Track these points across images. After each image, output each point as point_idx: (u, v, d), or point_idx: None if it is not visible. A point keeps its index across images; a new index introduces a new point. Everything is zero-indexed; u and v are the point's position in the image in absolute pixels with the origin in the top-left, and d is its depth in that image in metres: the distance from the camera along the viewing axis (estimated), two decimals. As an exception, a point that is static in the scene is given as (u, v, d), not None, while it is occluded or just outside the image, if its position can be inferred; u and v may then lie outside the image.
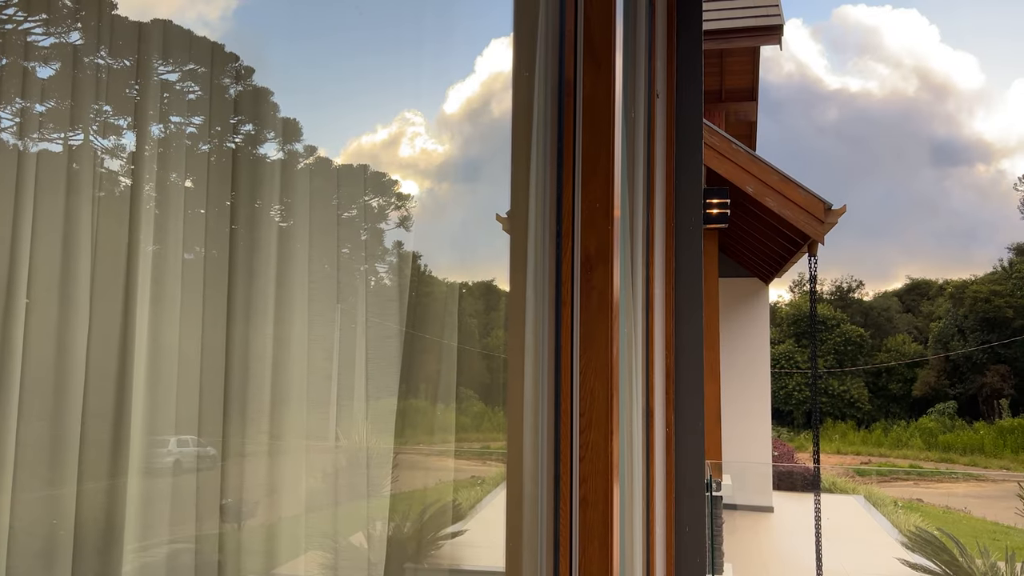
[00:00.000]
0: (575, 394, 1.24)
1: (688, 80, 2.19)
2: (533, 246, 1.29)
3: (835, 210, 7.23)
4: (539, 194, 1.27)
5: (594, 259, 1.22)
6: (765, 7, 9.19)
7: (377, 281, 2.54)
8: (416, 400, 2.58)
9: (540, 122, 1.27)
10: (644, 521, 1.92)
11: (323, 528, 2.45)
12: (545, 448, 1.25)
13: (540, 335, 1.26)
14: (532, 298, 1.29)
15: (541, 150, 1.27)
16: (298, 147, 2.41)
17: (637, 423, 1.82)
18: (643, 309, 1.92)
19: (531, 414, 1.28)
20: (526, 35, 1.33)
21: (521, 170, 1.27)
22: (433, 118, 2.70)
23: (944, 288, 46.40)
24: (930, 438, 36.05)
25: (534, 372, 1.29)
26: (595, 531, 1.23)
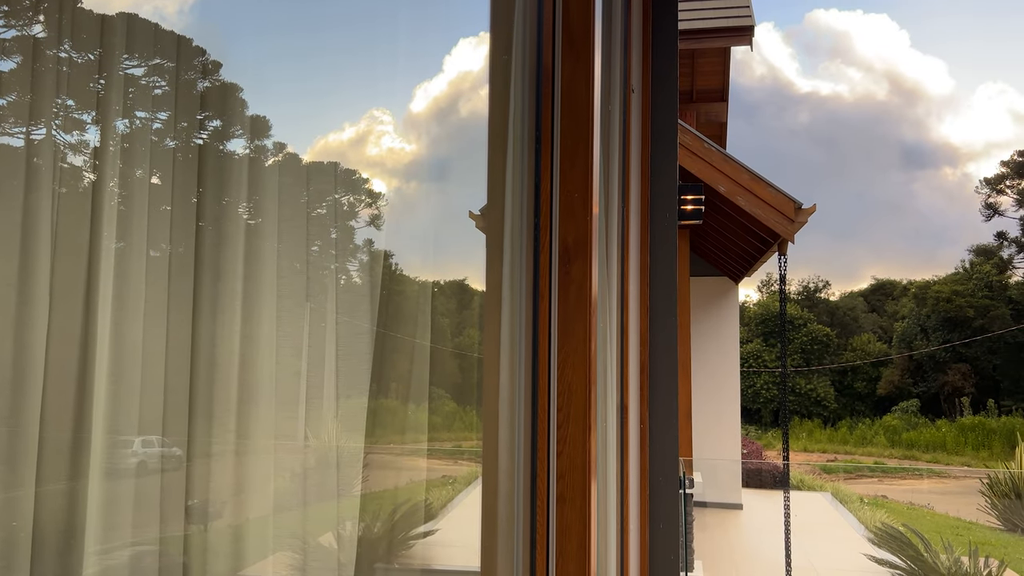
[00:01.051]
0: (552, 388, 1.21)
1: (663, 76, 2.18)
2: (510, 237, 1.27)
3: (805, 209, 7.30)
4: (516, 184, 1.24)
5: (572, 251, 1.20)
6: (736, 8, 9.27)
7: (347, 279, 2.52)
8: (387, 399, 2.55)
9: (517, 110, 1.24)
10: (618, 518, 1.91)
11: (292, 529, 2.42)
12: (522, 444, 1.23)
13: (517, 328, 1.23)
14: (508, 291, 1.27)
15: (519, 139, 1.24)
16: (267, 144, 2.38)
17: (611, 419, 1.80)
18: (618, 304, 1.91)
19: (507, 409, 1.25)
20: (503, 22, 1.30)
21: (498, 159, 1.24)
22: (402, 117, 2.68)
23: (908, 288, 47.29)
24: (894, 436, 36.71)
25: (510, 366, 1.26)
26: (572, 528, 1.20)
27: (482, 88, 2.92)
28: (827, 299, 49.18)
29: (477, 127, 2.94)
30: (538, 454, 1.22)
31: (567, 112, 1.20)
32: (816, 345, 43.20)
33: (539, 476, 1.22)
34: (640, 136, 2.15)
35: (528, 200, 1.24)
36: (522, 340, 1.23)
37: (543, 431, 1.22)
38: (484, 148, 1.31)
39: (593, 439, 1.23)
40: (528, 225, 1.24)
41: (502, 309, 1.27)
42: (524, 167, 1.25)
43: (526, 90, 1.25)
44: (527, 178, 1.24)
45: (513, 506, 1.24)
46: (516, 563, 1.25)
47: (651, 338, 2.06)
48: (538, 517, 1.22)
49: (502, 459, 1.23)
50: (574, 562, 1.19)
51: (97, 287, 2.04)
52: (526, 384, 1.23)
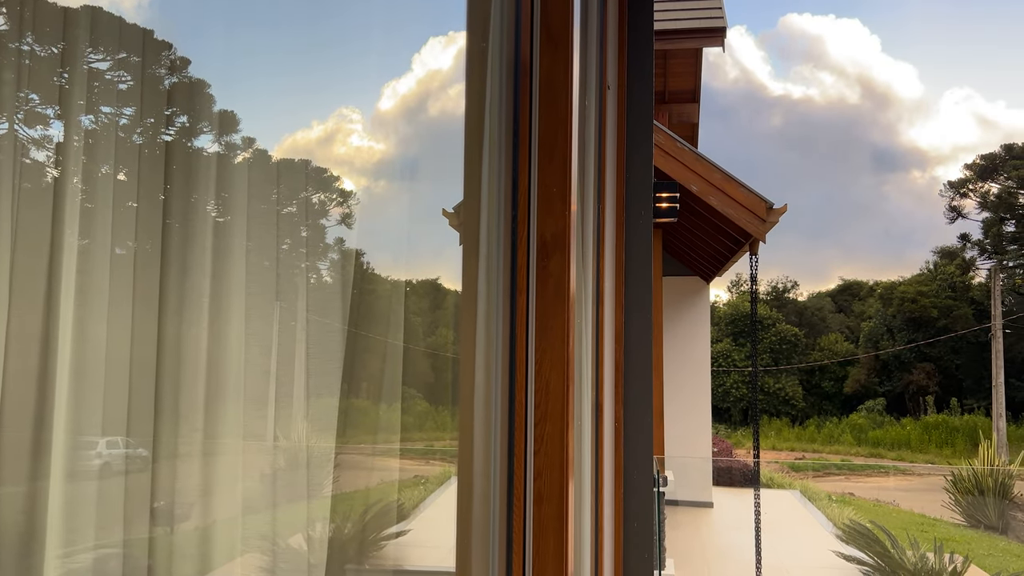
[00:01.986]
0: (530, 386, 1.19)
1: (639, 73, 2.17)
2: (486, 232, 1.24)
3: (776, 209, 7.37)
4: (494, 178, 1.22)
5: (550, 246, 1.18)
6: (708, 9, 9.32)
7: (318, 278, 2.50)
8: (358, 399, 2.53)
9: (495, 104, 1.22)
10: (592, 517, 1.90)
11: (261, 530, 2.39)
12: (498, 442, 1.20)
13: (494, 325, 1.21)
14: (484, 286, 1.24)
15: (496, 133, 1.22)
16: (236, 140, 2.34)
17: (586, 417, 1.79)
18: (593, 302, 1.90)
19: (483, 407, 1.23)
20: (480, 15, 1.28)
21: (475, 153, 1.22)
22: (373, 115, 2.66)
23: (874, 289, 48.07)
24: (860, 434, 37.30)
25: (486, 363, 1.24)
26: (550, 527, 1.18)
27: (451, 87, 2.92)
28: (795, 299, 49.84)
29: (448, 125, 2.93)
30: (515, 452, 1.20)
31: (545, 105, 1.19)
32: (785, 345, 43.75)
33: (516, 475, 1.20)
34: (616, 133, 2.14)
35: (506, 194, 1.21)
36: (499, 336, 1.21)
37: (520, 429, 1.20)
38: (456, 146, 1.29)
39: (571, 437, 1.21)
40: (506, 220, 1.21)
41: (478, 305, 1.25)
42: (502, 161, 1.22)
43: (504, 83, 1.23)
44: (504, 172, 1.22)
45: (489, 505, 1.21)
46: (492, 563, 1.22)
47: (627, 336, 2.06)
48: (515, 516, 1.20)
49: (478, 458, 1.21)
50: (551, 562, 1.17)
51: (59, 284, 1.99)
52: (503, 381, 1.20)
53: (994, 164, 43.13)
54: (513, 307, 1.19)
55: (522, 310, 1.18)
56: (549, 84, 1.18)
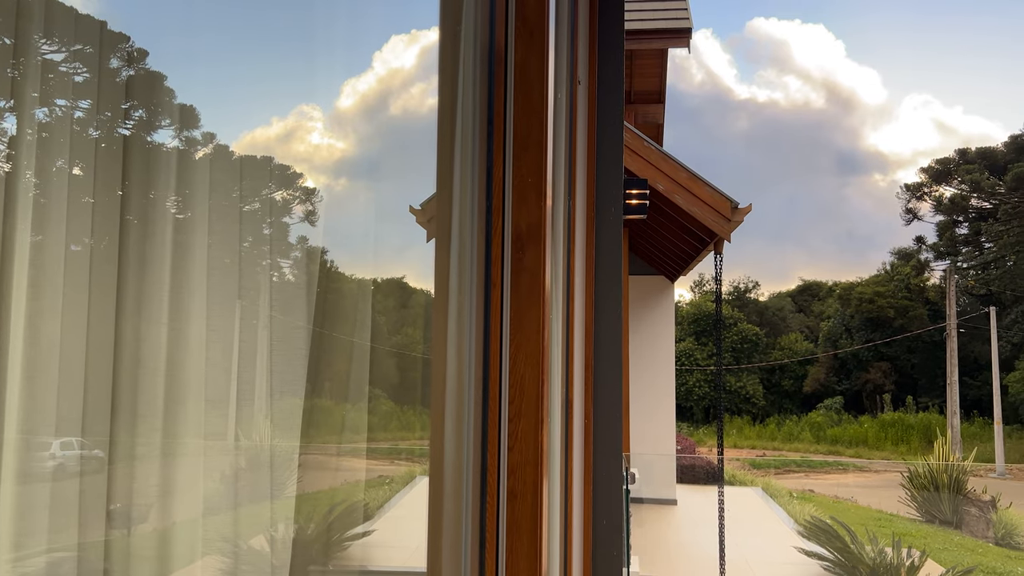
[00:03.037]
0: (504, 381, 1.16)
1: (609, 69, 2.16)
2: (458, 225, 1.21)
3: (741, 208, 7.44)
4: (467, 169, 1.19)
5: (525, 238, 1.15)
6: (674, 10, 9.38)
7: (280, 277, 2.45)
8: (322, 399, 2.50)
9: (468, 93, 1.19)
10: (562, 514, 1.88)
11: (222, 532, 2.35)
12: (471, 439, 1.17)
13: (467, 319, 1.18)
14: (456, 280, 1.21)
15: (470, 123, 1.19)
16: (196, 135, 2.29)
17: (556, 414, 1.77)
18: (564, 298, 1.88)
19: (456, 403, 1.20)
20: (453, 2, 1.24)
21: (447, 144, 1.19)
22: (335, 113, 2.62)
23: (833, 290, 48.95)
24: (819, 432, 37.96)
25: (458, 358, 1.21)
26: (523, 525, 1.16)
27: (415, 85, 2.90)
28: (757, 299, 50.55)
29: (413, 123, 2.90)
30: (488, 449, 1.17)
31: (520, 94, 1.16)
32: (746, 344, 44.33)
33: (489, 472, 1.17)
34: (586, 129, 2.13)
35: (480, 185, 1.19)
36: (472, 331, 1.18)
37: (494, 425, 1.17)
38: (420, 143, 1.26)
39: (545, 433, 1.18)
40: (480, 211, 1.19)
41: (449, 299, 1.22)
42: (475, 152, 1.19)
43: (478, 72, 1.20)
44: (479, 163, 1.19)
45: (461, 503, 1.18)
46: (464, 562, 1.19)
47: (596, 333, 2.05)
48: (487, 514, 1.17)
49: (450, 455, 1.18)
50: (525, 560, 1.15)
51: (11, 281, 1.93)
52: (477, 377, 1.18)
53: (948, 168, 44.22)
54: (487, 301, 1.16)
55: (496, 304, 1.16)
56: (524, 73, 1.15)
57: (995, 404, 28.61)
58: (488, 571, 1.16)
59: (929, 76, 63.66)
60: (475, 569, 1.17)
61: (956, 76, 61.84)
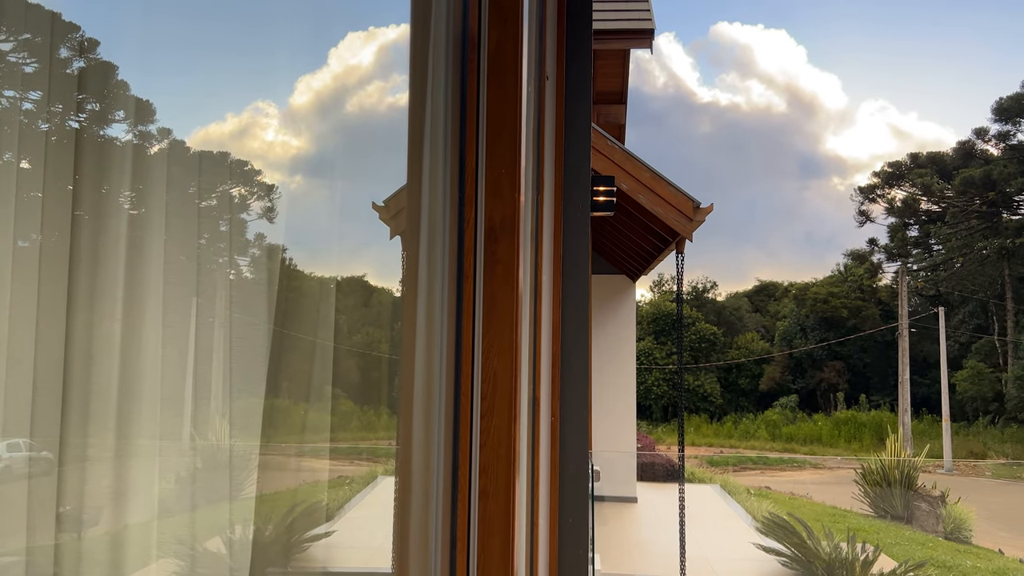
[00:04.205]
0: (476, 376, 1.13)
1: (577, 65, 2.15)
2: (428, 215, 1.18)
3: (703, 208, 7.51)
4: (439, 158, 1.15)
5: (499, 229, 1.12)
6: (637, 11, 9.42)
7: (238, 274, 2.41)
8: (280, 399, 2.46)
9: (440, 78, 1.15)
10: (528, 512, 1.86)
11: (177, 534, 2.29)
12: (442, 436, 1.14)
13: (438, 312, 1.15)
14: (426, 272, 1.18)
15: (441, 109, 1.15)
16: (152, 129, 2.23)
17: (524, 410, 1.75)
18: (531, 294, 1.86)
19: (425, 398, 1.16)
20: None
21: (418, 131, 1.15)
22: (293, 110, 2.57)
23: (789, 290, 49.83)
24: (775, 429, 38.62)
25: (428, 353, 1.17)
26: (496, 524, 1.13)
27: (370, 84, 2.86)
28: (714, 299, 51.20)
29: (373, 120, 2.86)
30: (459, 447, 1.14)
31: (494, 81, 1.13)
32: (704, 343, 44.89)
33: (460, 470, 1.14)
34: (554, 124, 2.11)
35: (452, 175, 1.15)
36: (444, 324, 1.15)
37: (465, 422, 1.14)
38: (382, 141, 1.22)
39: (518, 430, 1.16)
40: (452, 202, 1.15)
41: (419, 293, 1.18)
42: (447, 141, 1.16)
43: (450, 59, 1.17)
44: (451, 153, 1.15)
45: (431, 503, 1.15)
46: (433, 563, 1.16)
47: (563, 330, 2.03)
48: (459, 514, 1.14)
49: (420, 453, 1.15)
50: (497, 560, 1.12)
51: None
52: (448, 372, 1.15)
53: (900, 172, 45.33)
54: (459, 294, 1.13)
55: (468, 297, 1.13)
56: (498, 60, 1.13)
57: (943, 402, 29.40)
58: (459, 571, 1.13)
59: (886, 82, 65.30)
60: (445, 570, 1.13)
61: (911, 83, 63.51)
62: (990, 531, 15.43)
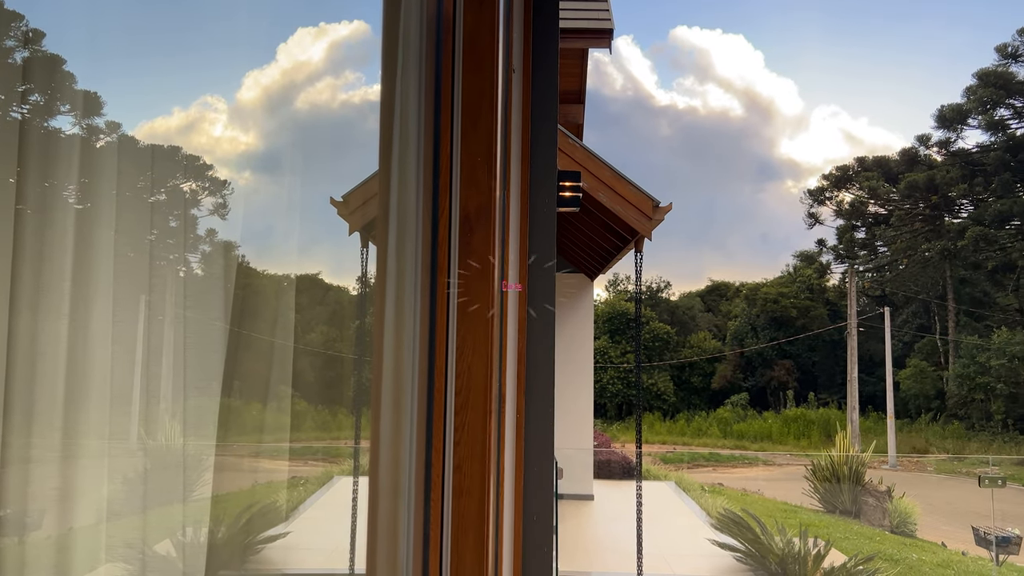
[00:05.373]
0: (450, 371, 1.10)
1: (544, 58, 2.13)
2: (398, 205, 1.14)
3: (662, 207, 7.58)
4: (411, 146, 1.11)
5: (474, 219, 1.09)
6: (596, 11, 9.45)
7: (188, 271, 2.34)
8: (233, 398, 2.40)
9: (413, 64, 1.11)
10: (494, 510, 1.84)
11: (125, 537, 2.23)
12: (415, 433, 1.11)
13: (411, 306, 1.11)
14: (396, 263, 1.14)
15: (415, 96, 1.11)
16: (99, 123, 2.15)
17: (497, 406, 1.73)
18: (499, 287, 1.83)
19: (397, 394, 1.12)
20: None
21: (389, 118, 1.11)
22: (245, 106, 2.51)
23: (740, 290, 50.66)
24: (726, 427, 39.25)
25: (399, 347, 1.14)
26: (470, 522, 1.10)
27: (320, 80, 2.79)
28: (668, 299, 51.81)
29: (328, 117, 2.79)
30: (433, 444, 1.11)
31: (470, 66, 1.10)
32: (658, 342, 45.38)
33: (434, 467, 1.10)
34: (521, 118, 2.08)
35: (426, 165, 1.12)
36: (417, 318, 1.11)
37: (439, 418, 1.10)
38: (338, 137, 1.18)
39: (492, 426, 1.13)
40: (426, 192, 1.12)
41: (387, 285, 1.14)
42: (421, 128, 1.12)
43: (424, 43, 1.13)
44: (424, 140, 1.12)
45: (403, 501, 1.11)
46: (405, 562, 1.12)
47: (529, 327, 2.01)
48: (431, 512, 1.10)
49: (391, 450, 1.11)
50: (471, 559, 1.09)
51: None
52: (421, 367, 1.11)
53: (847, 175, 46.45)
54: (433, 286, 1.09)
55: (443, 289, 1.09)
56: (474, 44, 1.09)
57: (888, 400, 30.21)
58: (432, 571, 1.10)
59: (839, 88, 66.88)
60: (418, 569, 1.10)
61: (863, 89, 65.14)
62: (933, 524, 15.90)
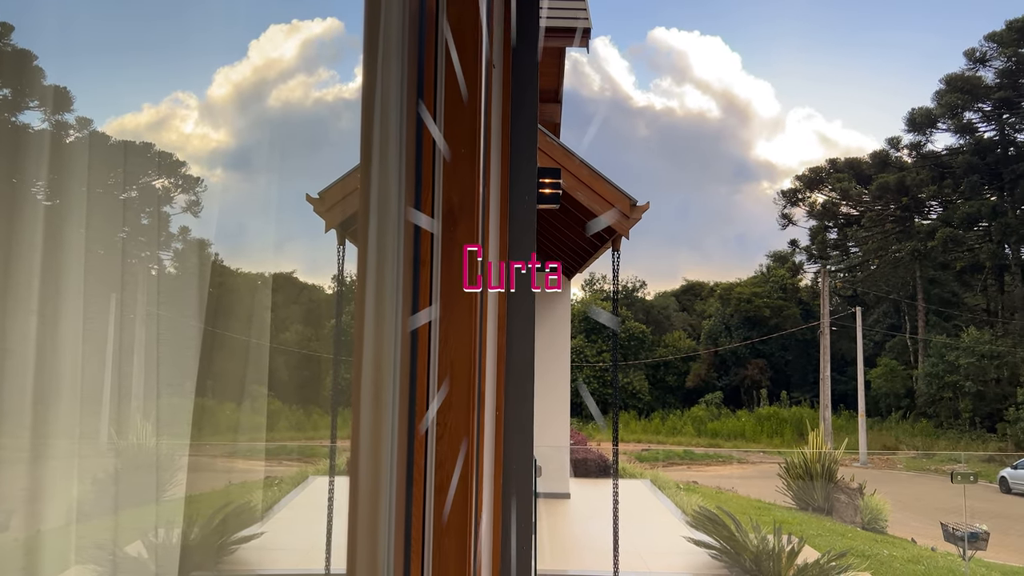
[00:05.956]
0: (433, 366, 1.08)
1: (524, 52, 2.11)
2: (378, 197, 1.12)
3: (640, 206, 7.59)
4: (393, 136, 1.09)
5: (457, 212, 1.07)
6: (573, 10, 9.46)
7: (160, 270, 2.30)
8: (206, 398, 2.35)
9: (396, 53, 1.09)
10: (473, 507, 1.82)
11: (96, 538, 2.19)
12: (397, 429, 1.08)
13: (393, 300, 1.08)
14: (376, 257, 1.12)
15: (397, 86, 1.09)
16: (69, 118, 2.10)
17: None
18: (480, 285, 1.81)
19: (378, 390, 1.10)
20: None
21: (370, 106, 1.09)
22: (217, 104, 2.46)
23: (714, 290, 51.07)
24: (700, 425, 39.55)
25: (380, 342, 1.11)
26: (452, 522, 1.08)
27: (292, 78, 2.74)
28: (644, 298, 52.08)
29: (302, 115, 2.75)
30: (415, 441, 1.09)
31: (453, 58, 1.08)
32: (633, 341, 45.61)
33: (416, 465, 1.08)
34: (500, 114, 2.06)
35: (409, 157, 1.09)
36: (398, 313, 1.09)
37: (421, 414, 1.08)
38: (313, 135, 1.15)
39: (474, 422, 1.11)
40: (409, 184, 1.09)
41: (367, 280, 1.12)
42: (402, 122, 1.10)
43: (406, 33, 1.11)
44: (407, 131, 1.09)
45: (384, 498, 1.09)
46: (385, 564, 1.10)
47: (510, 322, 1.99)
48: (413, 510, 1.08)
49: (373, 447, 1.08)
50: (454, 559, 1.07)
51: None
52: (403, 362, 1.09)
53: (820, 176, 46.99)
54: (416, 280, 1.07)
55: (426, 282, 1.07)
56: (458, 34, 1.07)
57: (860, 398, 30.61)
58: (413, 569, 1.08)
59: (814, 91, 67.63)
60: (399, 567, 1.08)
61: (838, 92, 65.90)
62: (903, 521, 16.13)
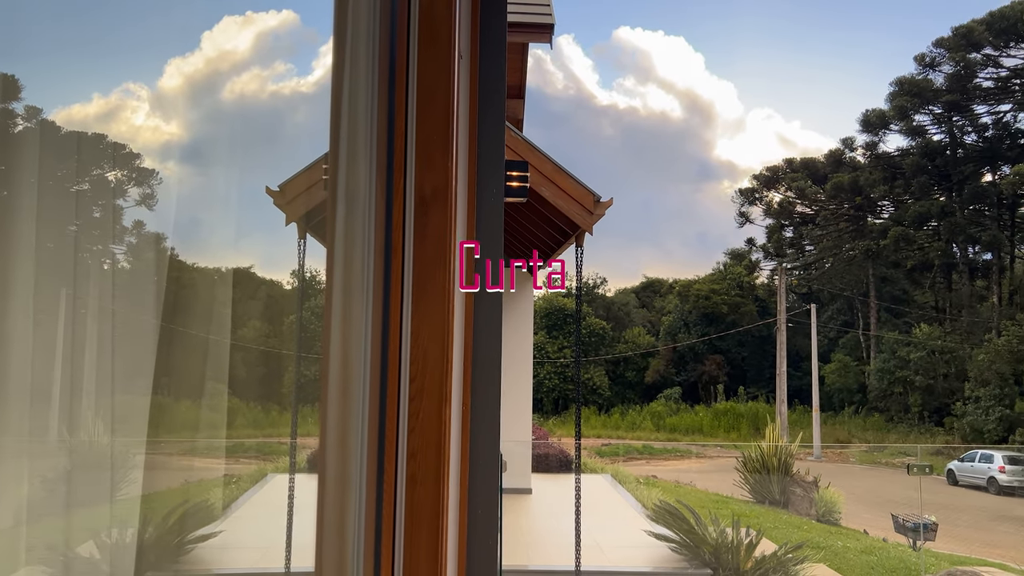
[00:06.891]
0: (404, 356, 1.06)
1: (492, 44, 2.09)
2: (346, 185, 1.10)
3: (603, 202, 7.64)
4: (364, 124, 1.07)
5: (430, 200, 1.06)
6: (537, 5, 9.45)
7: (113, 264, 2.23)
8: (161, 395, 2.30)
9: (364, 36, 1.07)
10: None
11: (46, 539, 2.13)
12: (367, 421, 1.07)
13: (362, 289, 1.07)
14: (343, 246, 1.10)
15: (367, 70, 1.07)
16: (17, 107, 2.03)
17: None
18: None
19: (347, 382, 1.08)
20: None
21: (340, 93, 1.07)
22: (170, 94, 2.41)
23: (673, 287, 51.63)
24: (659, 420, 40.00)
25: (346, 333, 1.09)
26: (424, 513, 1.07)
27: (247, 71, 2.70)
28: (604, 295, 52.44)
29: (261, 106, 2.70)
30: (386, 432, 1.07)
31: (425, 38, 1.06)
32: (594, 337, 45.90)
33: (387, 457, 1.06)
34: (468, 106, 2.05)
35: (380, 143, 1.07)
36: (369, 302, 1.07)
37: (392, 405, 1.07)
38: (272, 126, 1.13)
39: (448, 413, 1.09)
40: (380, 172, 1.08)
41: (335, 269, 1.10)
42: (373, 102, 1.08)
43: (377, 15, 1.09)
44: (378, 117, 1.08)
45: (353, 493, 1.07)
46: (354, 556, 1.08)
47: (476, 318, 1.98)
48: (384, 503, 1.07)
49: (342, 439, 1.06)
50: (425, 550, 1.06)
51: None
52: (373, 353, 1.07)
53: (777, 175, 47.78)
54: (387, 270, 1.05)
55: (397, 271, 1.06)
56: (430, 13, 1.06)
57: (814, 393, 31.24)
58: (384, 564, 1.06)
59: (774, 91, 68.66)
60: (370, 562, 1.06)
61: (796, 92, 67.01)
62: (856, 513, 16.52)
